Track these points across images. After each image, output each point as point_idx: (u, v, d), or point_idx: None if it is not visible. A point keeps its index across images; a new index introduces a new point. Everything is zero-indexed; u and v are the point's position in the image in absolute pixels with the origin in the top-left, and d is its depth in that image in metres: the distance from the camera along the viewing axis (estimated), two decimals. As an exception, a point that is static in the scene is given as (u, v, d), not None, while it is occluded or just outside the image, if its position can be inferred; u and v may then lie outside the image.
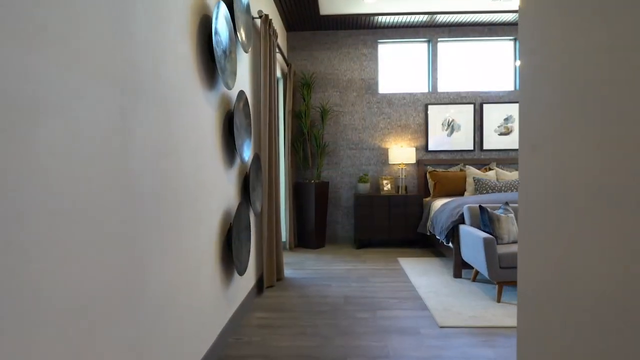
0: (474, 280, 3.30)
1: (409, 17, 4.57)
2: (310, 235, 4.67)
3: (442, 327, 2.38)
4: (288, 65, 4.62)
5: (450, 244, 3.55)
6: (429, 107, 4.93)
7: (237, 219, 2.33)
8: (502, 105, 4.89)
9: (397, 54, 5.07)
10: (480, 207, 3.08)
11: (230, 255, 2.33)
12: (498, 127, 4.90)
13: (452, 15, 4.56)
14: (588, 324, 0.73)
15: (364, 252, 4.54)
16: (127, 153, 1.21)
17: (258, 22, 3.20)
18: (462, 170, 4.75)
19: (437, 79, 4.96)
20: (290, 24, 4.73)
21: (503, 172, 4.61)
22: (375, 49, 4.98)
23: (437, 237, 3.92)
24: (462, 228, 3.30)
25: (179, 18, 1.64)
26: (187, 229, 1.68)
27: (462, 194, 4.64)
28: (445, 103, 4.93)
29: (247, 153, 2.52)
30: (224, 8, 2.08)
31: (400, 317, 2.57)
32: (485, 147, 4.92)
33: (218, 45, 1.95)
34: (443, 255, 4.29)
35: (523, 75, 0.99)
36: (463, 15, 4.56)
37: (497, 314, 2.56)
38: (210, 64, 2.02)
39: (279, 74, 4.40)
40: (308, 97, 4.79)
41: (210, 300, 1.99)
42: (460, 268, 3.42)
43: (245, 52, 2.50)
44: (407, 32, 4.95)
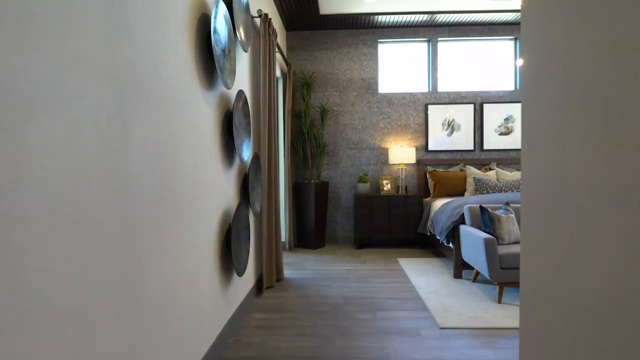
0: (475, 281, 3.29)
1: (409, 16, 4.56)
2: (310, 236, 4.65)
3: (442, 328, 2.37)
4: (288, 65, 4.60)
5: (451, 245, 3.54)
6: (429, 106, 4.92)
7: (236, 219, 2.31)
8: (502, 105, 4.88)
9: (397, 54, 5.06)
10: (481, 207, 3.07)
11: (230, 256, 2.31)
12: (498, 127, 4.89)
13: (452, 15, 4.55)
14: (590, 323, 0.73)
15: (364, 252, 4.53)
16: (125, 153, 1.19)
17: (257, 21, 3.19)
18: (462, 170, 4.74)
19: (437, 79, 4.95)
20: (290, 24, 4.72)
21: (503, 172, 4.59)
22: (375, 49, 4.96)
23: (437, 237, 3.91)
24: (462, 228, 3.29)
25: (178, 17, 1.62)
26: (186, 229, 1.67)
27: (462, 194, 4.63)
28: (446, 103, 4.92)
29: (246, 153, 2.51)
30: (223, 7, 2.07)
31: (401, 318, 2.55)
32: (486, 147, 4.91)
33: (217, 44, 1.94)
34: (443, 256, 4.28)
35: (525, 75, 0.99)
36: (463, 15, 4.55)
37: (497, 315, 2.54)
38: (209, 63, 2.01)
39: (279, 74, 4.39)
40: (308, 96, 4.78)
41: (209, 301, 1.98)
42: (461, 268, 3.40)
43: (245, 51, 2.48)
44: (407, 31, 4.94)
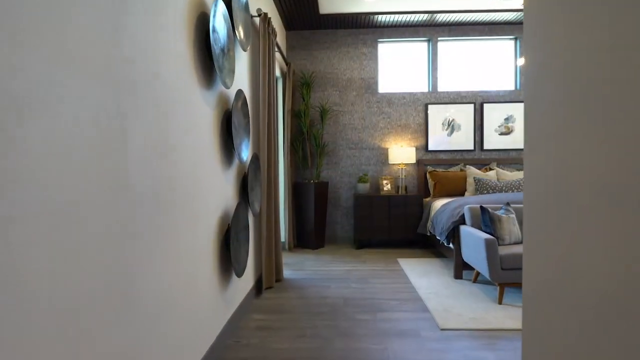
0: (475, 282, 3.27)
1: (409, 16, 4.54)
2: (310, 236, 4.64)
3: (442, 329, 2.35)
4: (287, 65, 4.59)
5: (451, 245, 3.52)
6: (429, 106, 4.90)
7: (235, 220, 2.29)
8: (502, 105, 4.86)
9: (397, 53, 5.04)
10: (481, 207, 3.05)
11: (229, 256, 2.30)
12: (498, 126, 4.88)
13: (452, 15, 4.53)
14: (591, 323, 0.73)
15: (364, 252, 4.51)
16: (123, 153, 1.18)
17: (257, 20, 3.17)
18: (462, 170, 4.73)
19: (437, 79, 4.94)
20: (290, 23, 4.70)
21: (504, 172, 4.58)
22: (375, 48, 4.95)
23: (437, 237, 3.89)
24: (462, 229, 3.27)
25: (177, 16, 1.61)
26: (184, 230, 1.65)
27: (462, 194, 4.61)
28: (446, 103, 4.90)
29: (245, 153, 2.49)
30: (222, 6, 2.05)
31: (401, 319, 2.54)
32: (486, 147, 4.90)
33: (216, 43, 1.92)
34: (443, 256, 4.27)
35: (527, 74, 0.99)
36: (463, 15, 4.54)
37: (498, 316, 2.53)
38: (208, 63, 1.99)
39: (278, 73, 4.37)
40: (307, 96, 4.76)
41: (208, 302, 1.96)
42: (461, 269, 3.39)
43: (244, 50, 2.47)
44: (407, 31, 4.93)
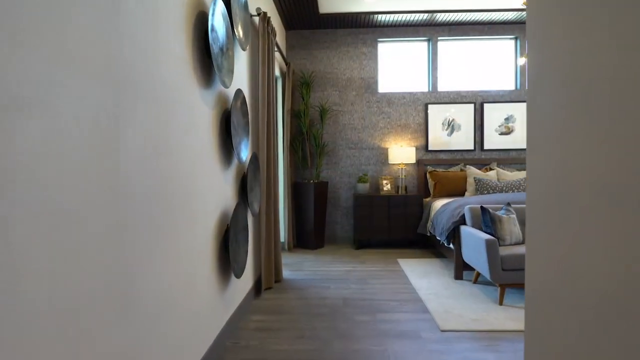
0: (475, 282, 3.26)
1: (409, 15, 4.53)
2: (309, 236, 4.62)
3: (443, 330, 2.33)
4: (287, 64, 4.57)
5: (451, 245, 3.51)
6: (429, 106, 4.89)
7: (234, 220, 2.28)
8: (502, 105, 4.85)
9: (396, 53, 5.03)
10: (482, 207, 3.03)
11: (227, 257, 2.28)
12: (499, 126, 4.86)
13: (452, 14, 4.52)
14: (591, 323, 0.73)
15: (363, 252, 4.50)
16: (119, 152, 1.16)
17: (256, 19, 3.15)
18: (462, 170, 4.71)
19: (437, 78, 4.92)
20: (289, 23, 4.68)
21: (504, 172, 4.56)
22: (375, 48, 4.93)
23: (437, 238, 3.88)
24: (463, 229, 3.26)
25: (174, 14, 1.59)
26: (182, 231, 1.64)
27: (462, 194, 4.60)
28: (446, 102, 4.88)
29: (244, 153, 2.47)
30: (221, 5, 2.03)
31: (401, 320, 2.52)
32: (486, 147, 4.88)
33: (214, 42, 1.91)
34: (443, 256, 4.25)
35: (531, 74, 0.98)
36: (463, 14, 4.52)
37: (499, 317, 2.51)
38: (207, 62, 1.97)
39: (278, 73, 4.35)
40: (307, 96, 4.75)
41: (207, 303, 1.94)
42: (462, 270, 3.37)
43: (243, 49, 2.45)
44: (407, 30, 4.91)
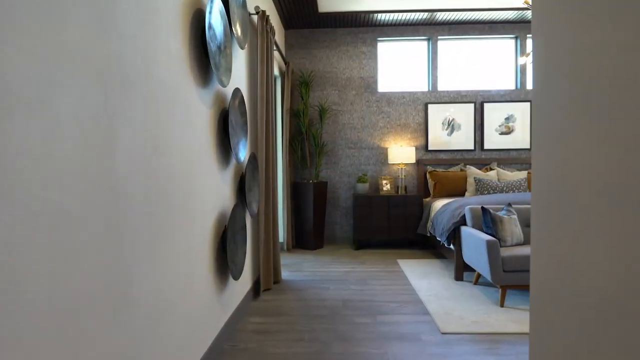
0: (476, 283, 3.23)
1: (409, 14, 4.50)
2: (309, 236, 4.59)
3: (443, 333, 2.31)
4: (286, 63, 4.54)
5: (452, 246, 3.48)
6: (429, 106, 4.86)
7: (232, 221, 2.25)
8: (503, 104, 4.82)
9: (396, 52, 5.00)
10: (483, 208, 3.01)
11: (225, 259, 2.25)
12: (499, 126, 4.83)
13: (452, 13, 4.49)
14: (592, 322, 0.73)
15: (363, 253, 4.47)
16: (113, 152, 1.13)
17: (255, 18, 3.12)
18: (462, 170, 4.68)
19: (437, 78, 4.89)
20: (289, 22, 4.65)
21: (504, 172, 4.54)
22: (375, 47, 4.90)
23: (438, 238, 3.85)
24: (463, 230, 3.23)
25: (170, 11, 1.56)
26: (179, 232, 1.61)
27: (462, 195, 4.57)
28: (446, 102, 4.86)
29: (243, 152, 2.44)
30: (219, 2, 2.00)
31: (401, 322, 2.49)
32: (486, 146, 4.85)
33: (212, 41, 1.87)
34: (443, 257, 4.22)
35: (535, 73, 0.97)
36: (463, 13, 4.49)
37: (500, 319, 2.49)
38: (204, 60, 1.94)
39: (277, 72, 4.32)
40: (306, 95, 4.72)
41: (205, 305, 1.91)
42: (462, 270, 3.34)
43: (242, 48, 2.42)
44: (406, 30, 4.88)
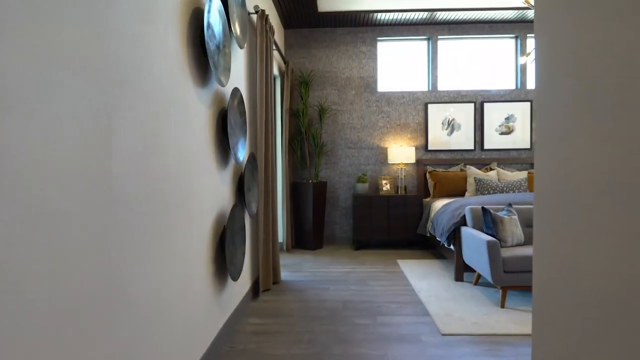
0: (476, 284, 3.21)
1: (409, 14, 4.48)
2: (308, 236, 4.58)
3: (444, 334, 2.29)
4: (285, 63, 4.52)
5: (452, 247, 3.47)
6: (429, 105, 4.84)
7: (231, 221, 2.23)
8: (503, 104, 4.81)
9: (396, 52, 4.98)
10: (483, 208, 2.99)
11: (224, 259, 2.23)
12: (499, 126, 4.82)
13: (452, 13, 4.47)
14: (595, 321, 0.72)
15: (363, 253, 4.45)
16: (115, 152, 1.11)
17: (254, 17, 3.11)
18: (462, 170, 4.67)
19: (437, 77, 4.88)
20: (288, 21, 4.63)
21: (504, 172, 4.52)
22: (374, 47, 4.88)
23: (438, 239, 3.84)
24: (463, 230, 3.21)
25: (169, 11, 1.54)
26: (177, 233, 1.59)
27: (462, 195, 4.56)
28: (446, 102, 4.84)
29: (242, 152, 2.43)
30: (217, 1, 1.98)
31: (401, 323, 2.48)
32: (486, 146, 4.84)
33: (210, 40, 1.86)
34: (443, 257, 4.21)
35: (538, 72, 0.96)
36: (463, 13, 4.48)
37: (500, 320, 2.47)
38: (203, 60, 1.92)
39: (276, 72, 4.31)
40: (306, 95, 4.70)
41: (203, 306, 1.90)
42: (462, 271, 3.33)
43: (241, 47, 2.40)
44: (406, 29, 4.86)
